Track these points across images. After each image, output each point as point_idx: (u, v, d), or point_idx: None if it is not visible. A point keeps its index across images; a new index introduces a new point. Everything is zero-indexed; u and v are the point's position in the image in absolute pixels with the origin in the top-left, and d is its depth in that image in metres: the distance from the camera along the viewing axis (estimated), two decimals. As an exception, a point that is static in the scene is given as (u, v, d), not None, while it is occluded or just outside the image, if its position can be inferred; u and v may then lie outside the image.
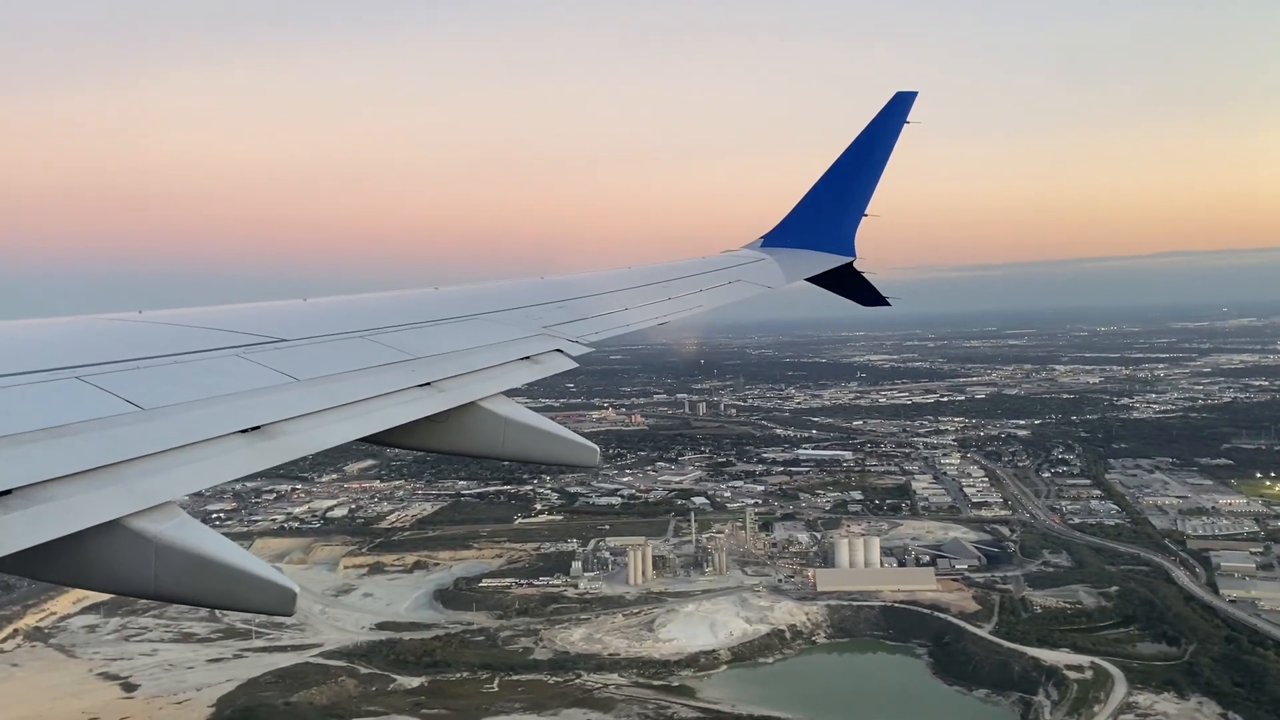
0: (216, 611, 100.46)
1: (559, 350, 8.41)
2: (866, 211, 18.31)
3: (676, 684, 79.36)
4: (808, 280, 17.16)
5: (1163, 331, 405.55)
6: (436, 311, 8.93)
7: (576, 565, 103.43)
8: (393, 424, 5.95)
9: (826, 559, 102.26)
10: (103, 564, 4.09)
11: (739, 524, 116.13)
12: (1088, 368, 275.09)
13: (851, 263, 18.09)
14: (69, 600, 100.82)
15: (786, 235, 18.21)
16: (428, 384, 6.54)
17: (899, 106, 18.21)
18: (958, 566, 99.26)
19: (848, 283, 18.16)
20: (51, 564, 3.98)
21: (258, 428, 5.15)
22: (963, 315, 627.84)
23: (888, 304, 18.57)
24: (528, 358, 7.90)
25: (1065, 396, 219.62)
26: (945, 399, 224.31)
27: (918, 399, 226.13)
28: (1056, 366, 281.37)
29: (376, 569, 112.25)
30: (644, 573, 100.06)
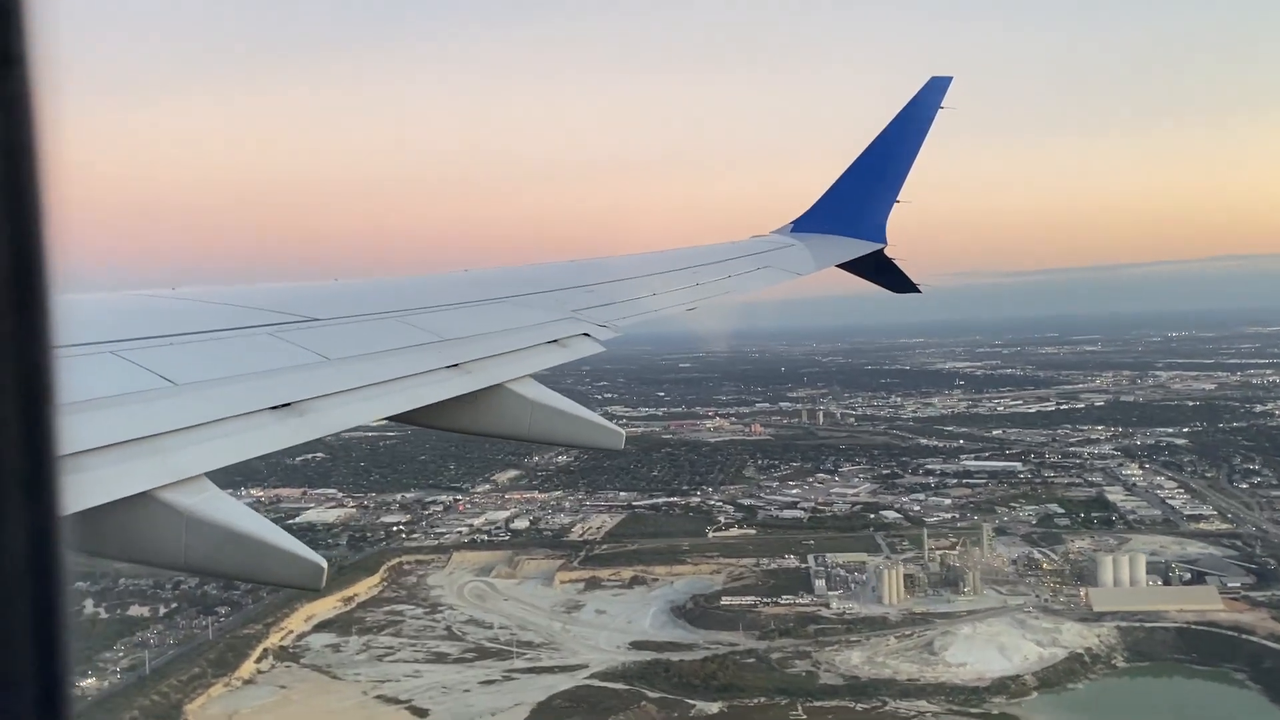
0: (453, 629, 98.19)
1: (586, 334, 8.40)
2: (899, 198, 17.90)
3: (996, 712, 75.96)
4: (838, 266, 16.72)
5: (1240, 337, 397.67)
6: (466, 294, 8.93)
7: (820, 584, 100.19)
8: (421, 404, 6.00)
9: (1083, 577, 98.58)
10: (135, 536, 4.09)
11: (955, 541, 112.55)
12: (1192, 374, 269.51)
13: (882, 249, 17.67)
14: (300, 618, 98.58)
15: (817, 220, 17.75)
16: (456, 365, 6.58)
17: (933, 91, 17.79)
18: (1229, 584, 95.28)
19: (877, 269, 17.78)
20: (84, 535, 3.92)
21: (288, 405, 5.13)
22: (1017, 321, 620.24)
23: (918, 290, 18.23)
24: (555, 341, 7.92)
25: (1191, 404, 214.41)
26: (1065, 406, 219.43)
27: (1038, 407, 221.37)
28: (1158, 373, 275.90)
29: (593, 584, 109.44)
30: (898, 592, 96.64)
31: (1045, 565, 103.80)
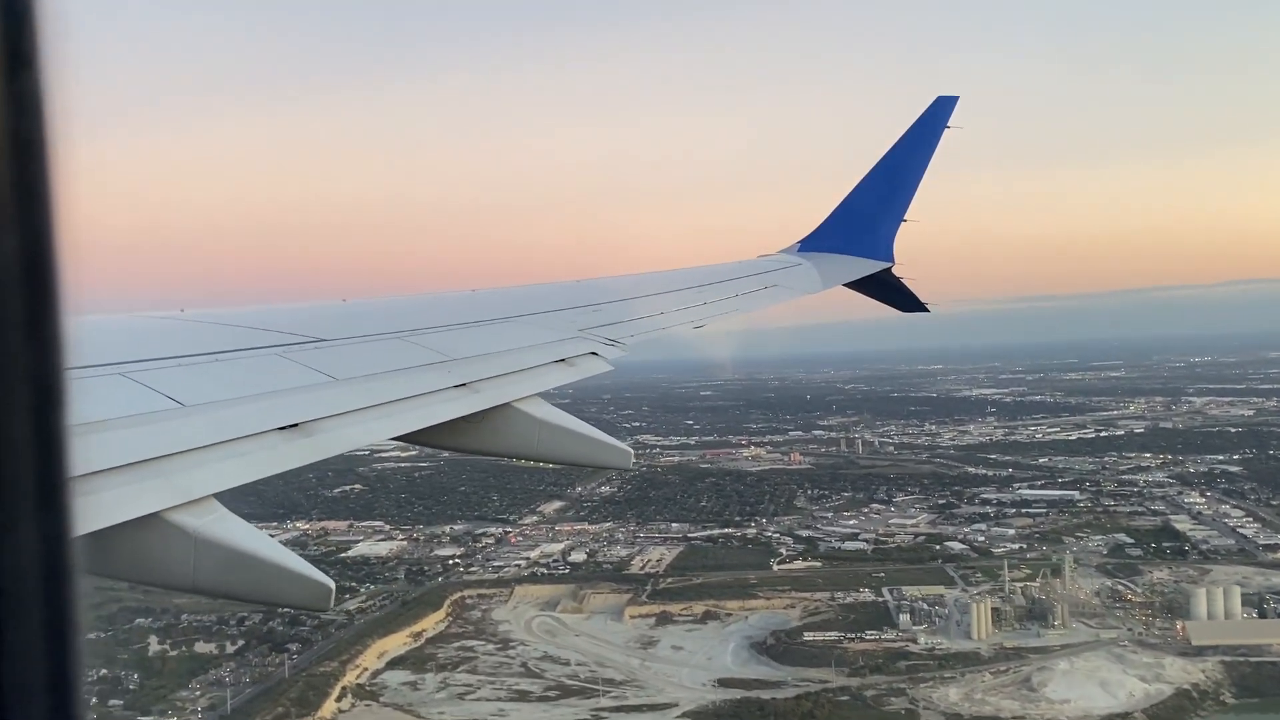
0: (530, 665, 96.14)
1: (594, 353, 8.40)
2: (906, 217, 17.95)
3: (1111, 751, 73.74)
4: (845, 286, 16.72)
5: (1264, 361, 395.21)
6: (473, 313, 8.88)
7: (905, 619, 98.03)
8: (428, 423, 5.99)
9: (1173, 609, 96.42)
10: (143, 557, 4.07)
11: (1033, 572, 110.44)
12: (1226, 399, 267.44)
13: (890, 268, 17.69)
14: (373, 655, 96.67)
15: (824, 240, 17.82)
16: (463, 385, 6.60)
17: (940, 111, 17.86)
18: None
19: (885, 289, 17.81)
20: (94, 556, 3.93)
21: (295, 425, 5.12)
22: (1032, 347, 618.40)
23: (926, 309, 18.12)
24: (563, 360, 7.93)
25: (1234, 430, 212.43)
26: (1105, 434, 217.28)
27: (1077, 434, 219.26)
28: (1191, 399, 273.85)
29: (664, 619, 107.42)
30: (986, 626, 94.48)
31: (1131, 597, 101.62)
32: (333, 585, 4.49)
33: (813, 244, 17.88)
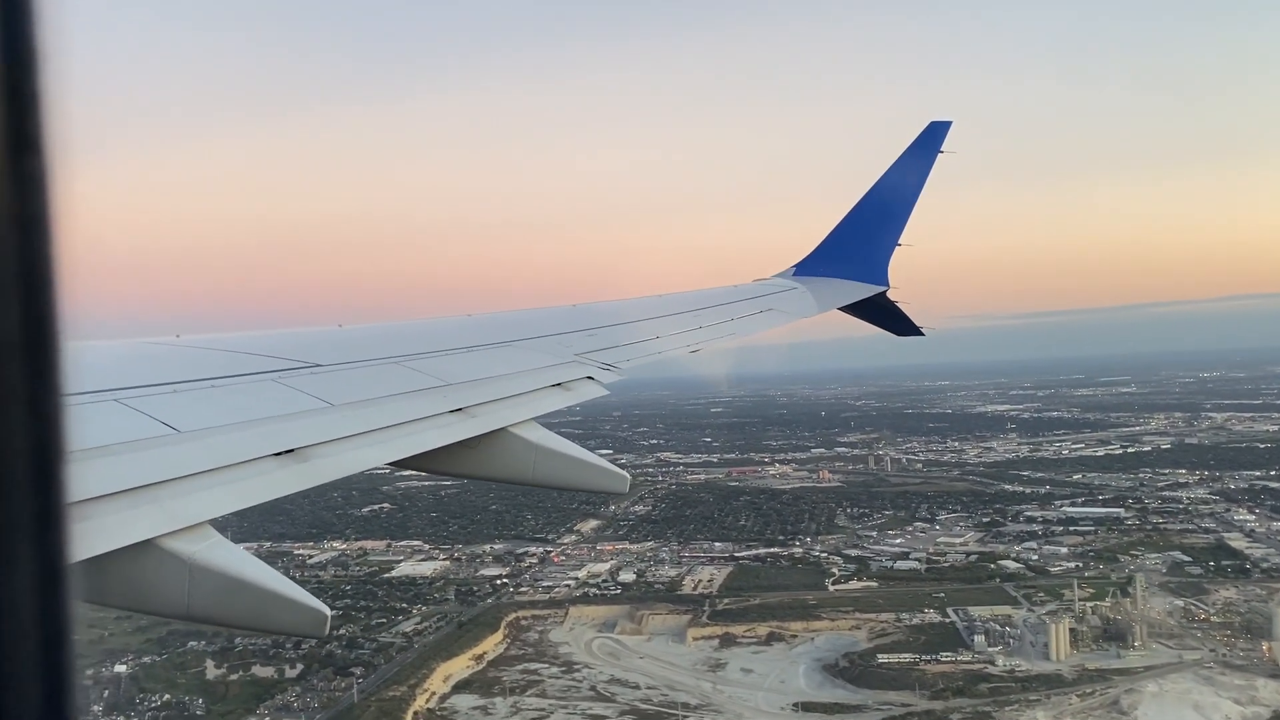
0: (599, 689, 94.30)
1: (590, 377, 8.47)
2: (900, 241, 18.00)
3: (1217, 776, 72.23)
4: (840, 310, 16.74)
5: (1274, 376, 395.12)
6: (469, 338, 8.94)
7: (980, 639, 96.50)
8: (424, 449, 5.99)
9: (1251, 629, 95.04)
10: (137, 584, 4.02)
11: (1100, 591, 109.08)
12: (1246, 415, 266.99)
13: (885, 292, 17.72)
14: (439, 679, 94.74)
15: (819, 264, 17.84)
16: (459, 410, 6.58)
17: (933, 136, 17.98)
18: None
19: (880, 312, 17.83)
20: (88, 583, 3.93)
21: (291, 451, 5.11)
22: (1036, 363, 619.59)
23: (921, 334, 18.12)
24: (559, 384, 8.00)
25: (1262, 445, 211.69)
26: (1132, 450, 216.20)
27: (1104, 451, 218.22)
28: (1210, 414, 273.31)
29: (728, 640, 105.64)
30: (1065, 647, 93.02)
31: (1204, 617, 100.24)
32: (329, 612, 4.40)
33: (808, 268, 17.82)
